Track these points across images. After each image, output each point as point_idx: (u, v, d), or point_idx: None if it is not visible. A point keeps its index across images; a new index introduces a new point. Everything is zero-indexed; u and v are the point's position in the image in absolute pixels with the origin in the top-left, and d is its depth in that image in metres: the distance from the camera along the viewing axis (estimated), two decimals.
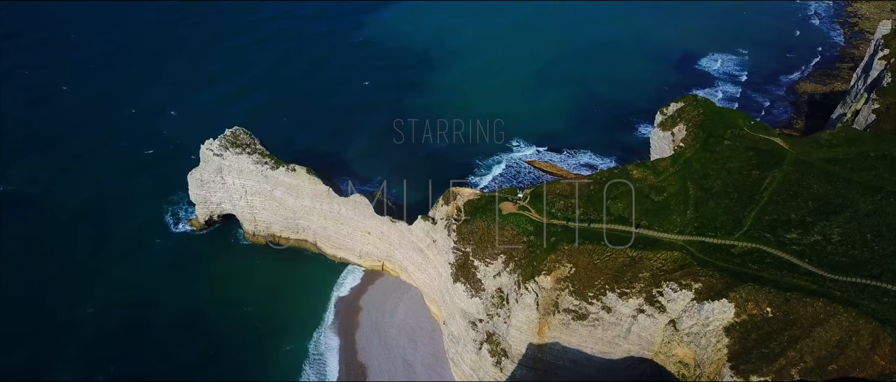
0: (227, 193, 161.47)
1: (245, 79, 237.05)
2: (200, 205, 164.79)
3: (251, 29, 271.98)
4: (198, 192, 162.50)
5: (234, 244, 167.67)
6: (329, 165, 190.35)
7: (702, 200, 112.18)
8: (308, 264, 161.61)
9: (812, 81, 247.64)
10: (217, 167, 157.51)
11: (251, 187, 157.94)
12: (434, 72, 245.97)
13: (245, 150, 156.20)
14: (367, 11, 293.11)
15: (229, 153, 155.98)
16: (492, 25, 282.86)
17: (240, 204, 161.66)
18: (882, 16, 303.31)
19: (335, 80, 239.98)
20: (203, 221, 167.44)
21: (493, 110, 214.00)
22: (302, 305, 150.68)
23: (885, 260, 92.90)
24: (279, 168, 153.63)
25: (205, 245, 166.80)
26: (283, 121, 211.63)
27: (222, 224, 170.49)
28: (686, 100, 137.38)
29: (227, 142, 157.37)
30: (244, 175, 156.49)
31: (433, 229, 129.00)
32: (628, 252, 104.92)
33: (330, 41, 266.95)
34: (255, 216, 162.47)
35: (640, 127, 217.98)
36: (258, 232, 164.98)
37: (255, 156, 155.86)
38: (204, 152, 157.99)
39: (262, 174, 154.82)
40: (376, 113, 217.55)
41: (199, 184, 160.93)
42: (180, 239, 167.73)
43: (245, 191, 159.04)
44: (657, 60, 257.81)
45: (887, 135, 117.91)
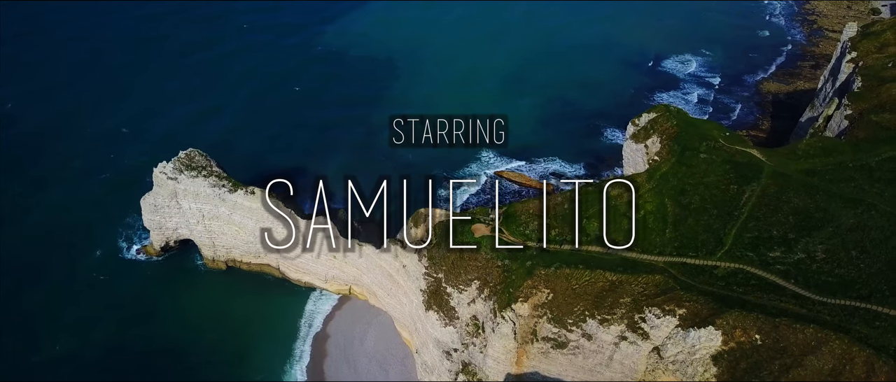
0: (184, 218, 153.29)
1: (206, 95, 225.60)
2: (155, 232, 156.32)
3: (214, 43, 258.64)
4: (152, 218, 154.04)
5: (193, 270, 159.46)
6: (294, 183, 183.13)
7: (680, 218, 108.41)
8: (272, 290, 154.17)
9: (776, 81, 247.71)
10: (171, 191, 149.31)
11: (209, 211, 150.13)
12: (403, 84, 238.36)
13: (201, 173, 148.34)
14: (335, 21, 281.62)
15: (184, 176, 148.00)
16: (460, 34, 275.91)
17: (197, 229, 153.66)
18: (838, 13, 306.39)
19: (301, 95, 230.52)
20: (159, 248, 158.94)
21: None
22: (267, 334, 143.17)
23: (873, 278, 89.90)
24: (238, 191, 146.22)
25: (161, 272, 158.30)
26: (246, 139, 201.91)
27: (179, 249, 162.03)
28: (658, 111, 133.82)
29: (181, 165, 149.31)
30: (201, 199, 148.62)
31: (402, 253, 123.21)
32: (608, 276, 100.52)
33: (296, 55, 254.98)
34: (214, 241, 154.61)
35: (608, 132, 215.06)
36: (218, 258, 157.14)
37: (212, 178, 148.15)
38: (157, 176, 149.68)
39: (219, 197, 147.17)
40: (345, 127, 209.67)
41: (153, 209, 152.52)
42: (134, 267, 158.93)
43: (202, 216, 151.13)
44: (623, 64, 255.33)
45: (863, 143, 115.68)
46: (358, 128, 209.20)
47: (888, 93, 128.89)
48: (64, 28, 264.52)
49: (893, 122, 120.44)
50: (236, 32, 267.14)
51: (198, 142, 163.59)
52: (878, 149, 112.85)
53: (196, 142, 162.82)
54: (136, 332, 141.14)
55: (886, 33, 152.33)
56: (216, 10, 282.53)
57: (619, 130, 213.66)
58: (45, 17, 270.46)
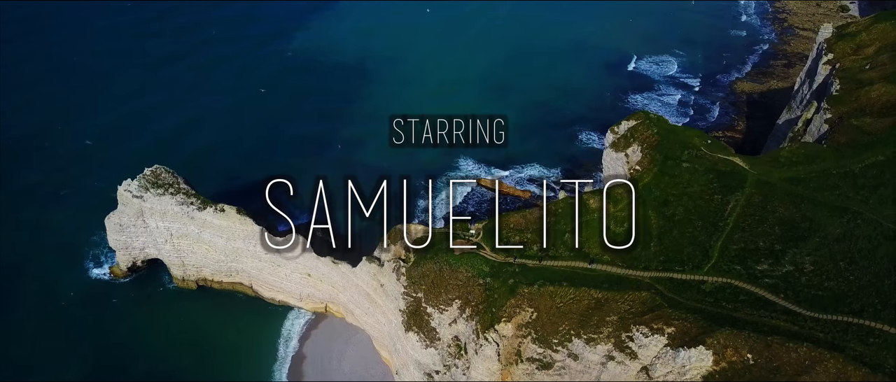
0: (151, 237, 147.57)
1: (176, 109, 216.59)
2: (121, 252, 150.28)
3: (184, 55, 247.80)
4: (117, 238, 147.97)
5: (163, 291, 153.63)
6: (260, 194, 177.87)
7: (665, 230, 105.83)
8: (245, 309, 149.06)
9: (750, 81, 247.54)
10: (137, 210, 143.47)
11: (177, 230, 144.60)
12: (377, 93, 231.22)
13: (168, 191, 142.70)
14: (308, 29, 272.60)
15: (150, 194, 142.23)
16: (433, 41, 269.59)
17: (165, 248, 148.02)
18: (808, 11, 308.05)
19: (274, 107, 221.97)
20: (126, 268, 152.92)
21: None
22: (242, 356, 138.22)
23: (863, 291, 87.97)
24: (207, 208, 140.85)
25: (129, 294, 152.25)
26: (217, 154, 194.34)
27: (147, 269, 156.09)
28: (638, 118, 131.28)
29: (147, 182, 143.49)
30: (168, 217, 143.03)
31: (380, 272, 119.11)
32: (593, 293, 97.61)
33: (268, 66, 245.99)
34: (183, 260, 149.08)
35: (583, 135, 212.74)
36: (188, 277, 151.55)
37: (180, 196, 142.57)
38: (122, 194, 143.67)
39: (187, 216, 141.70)
40: (319, 140, 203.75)
41: (119, 228, 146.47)
42: (100, 288, 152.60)
43: (170, 235, 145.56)
44: (598, 66, 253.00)
45: (845, 149, 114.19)
46: (333, 141, 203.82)
47: (867, 97, 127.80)
48: (26, 40, 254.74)
49: (874, 127, 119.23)
50: (206, 43, 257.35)
51: (166, 158, 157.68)
52: (860, 154, 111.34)
53: (164, 158, 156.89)
54: (102, 358, 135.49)
55: (862, 35, 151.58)
56: (185, 21, 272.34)
57: (596, 134, 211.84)
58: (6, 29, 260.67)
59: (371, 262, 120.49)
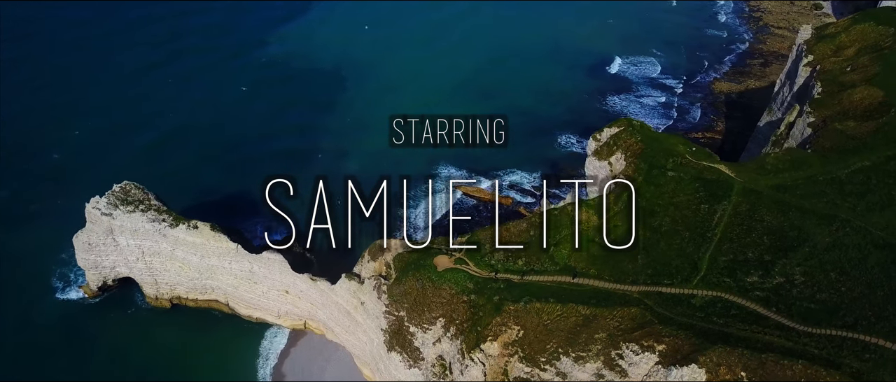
0: (122, 256, 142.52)
1: (147, 123, 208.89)
2: (91, 271, 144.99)
3: (156, 66, 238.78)
4: (86, 257, 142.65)
5: (135, 310, 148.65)
6: (240, 210, 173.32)
7: (652, 242, 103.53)
8: (222, 327, 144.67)
9: (727, 80, 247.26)
10: (107, 228, 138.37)
11: (148, 248, 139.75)
12: (351, 100, 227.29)
13: (138, 208, 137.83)
14: (286, 42, 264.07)
15: (120, 211, 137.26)
16: (405, 45, 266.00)
17: (137, 266, 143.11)
18: (783, 9, 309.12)
19: (250, 120, 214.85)
20: (96, 288, 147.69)
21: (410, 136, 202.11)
22: (218, 375, 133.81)
23: (856, 303, 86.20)
24: (179, 225, 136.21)
25: (100, 314, 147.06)
26: (190, 167, 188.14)
27: (119, 288, 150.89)
28: (620, 125, 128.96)
29: (116, 199, 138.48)
30: (139, 235, 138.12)
31: (360, 290, 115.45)
32: (580, 309, 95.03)
33: (243, 78, 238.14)
34: (156, 278, 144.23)
35: (563, 139, 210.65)
36: (161, 296, 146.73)
37: (151, 213, 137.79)
38: (90, 212, 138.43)
39: (159, 233, 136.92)
40: (298, 151, 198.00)
41: (87, 247, 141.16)
42: (70, 308, 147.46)
43: (142, 253, 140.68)
44: (575, 68, 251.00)
45: (831, 154, 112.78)
46: (313, 151, 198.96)
47: (850, 100, 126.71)
48: None
49: (858, 131, 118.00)
50: (180, 54, 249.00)
51: (138, 173, 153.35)
52: (846, 160, 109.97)
53: (136, 173, 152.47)
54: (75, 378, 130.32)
55: (841, 36, 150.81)
56: (158, 31, 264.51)
57: (575, 137, 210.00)
58: None
59: (350, 279, 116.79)
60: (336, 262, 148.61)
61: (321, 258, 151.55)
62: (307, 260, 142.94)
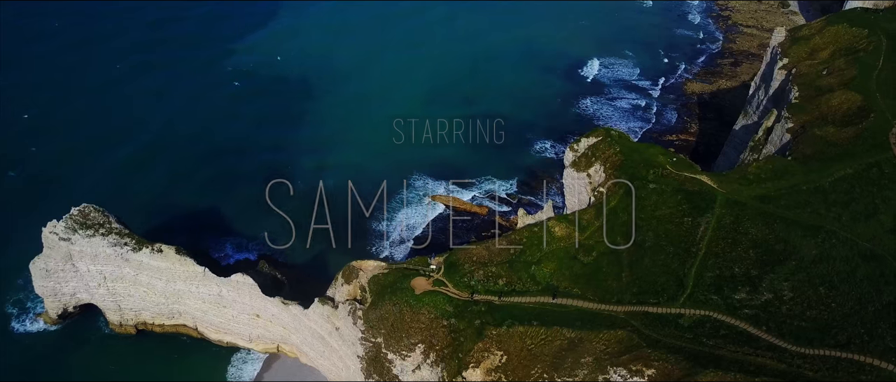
0: (82, 282, 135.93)
1: (108, 138, 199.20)
2: (50, 299, 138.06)
3: (119, 82, 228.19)
4: (44, 284, 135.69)
5: (99, 338, 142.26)
6: (209, 228, 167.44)
7: (636, 258, 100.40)
8: (191, 353, 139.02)
9: (699, 81, 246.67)
10: (65, 253, 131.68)
11: (111, 273, 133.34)
12: (319, 106, 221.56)
13: (98, 231, 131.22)
14: (253, 53, 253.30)
15: (79, 236, 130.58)
16: (375, 48, 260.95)
17: (99, 292, 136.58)
18: (750, 7, 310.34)
19: (220, 134, 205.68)
20: (56, 316, 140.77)
21: (388, 146, 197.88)
22: None
23: (848, 321, 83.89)
24: (143, 249, 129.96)
25: (61, 343, 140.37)
26: (154, 187, 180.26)
27: (81, 315, 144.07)
28: (598, 135, 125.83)
29: (75, 223, 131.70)
30: (100, 260, 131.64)
31: (334, 314, 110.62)
32: (565, 333, 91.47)
33: (209, 92, 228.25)
34: (119, 304, 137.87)
35: (537, 144, 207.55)
36: (126, 322, 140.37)
37: (112, 236, 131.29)
38: (47, 237, 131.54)
39: (121, 257, 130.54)
40: (259, 163, 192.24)
41: (45, 274, 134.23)
42: (28, 338, 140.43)
43: (104, 278, 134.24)
44: (547, 71, 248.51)
45: (813, 162, 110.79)
46: (269, 161, 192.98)
47: (828, 105, 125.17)
48: None
49: (838, 136, 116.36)
50: (145, 67, 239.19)
51: (99, 194, 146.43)
52: (829, 168, 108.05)
53: (97, 194, 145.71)
54: None
55: (815, 38, 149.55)
56: (123, 44, 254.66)
57: (549, 142, 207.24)
58: None
59: (324, 304, 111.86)
60: (309, 284, 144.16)
61: (293, 279, 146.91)
62: (278, 281, 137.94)
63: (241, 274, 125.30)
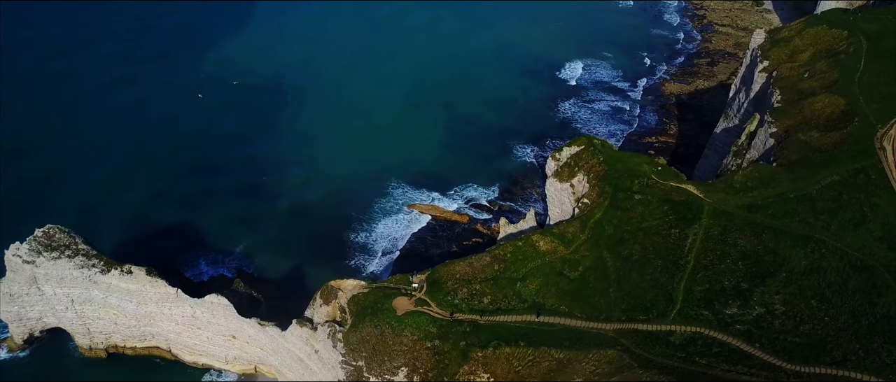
0: (48, 305, 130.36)
1: (73, 155, 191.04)
2: (15, 324, 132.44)
3: (83, 98, 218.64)
4: (8, 309, 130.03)
5: (68, 363, 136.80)
6: (182, 243, 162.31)
7: (623, 273, 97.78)
8: (165, 375, 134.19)
9: (677, 82, 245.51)
10: (30, 276, 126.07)
11: (78, 296, 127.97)
12: (294, 115, 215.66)
13: (64, 253, 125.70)
14: (221, 63, 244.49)
15: (43, 258, 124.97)
16: (349, 56, 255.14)
17: (66, 316, 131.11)
18: (725, 6, 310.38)
19: (192, 148, 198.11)
20: (21, 341, 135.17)
21: (364, 153, 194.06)
22: None
23: (842, 336, 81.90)
24: (111, 270, 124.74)
25: (29, 368, 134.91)
26: (123, 204, 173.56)
27: (48, 339, 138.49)
28: (580, 144, 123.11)
29: (39, 245, 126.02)
30: (67, 283, 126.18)
31: (313, 336, 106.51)
32: (553, 353, 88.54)
33: (177, 105, 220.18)
34: (89, 328, 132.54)
35: (517, 149, 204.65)
36: (96, 345, 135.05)
37: (79, 258, 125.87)
38: (10, 260, 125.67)
39: (89, 280, 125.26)
40: (230, 173, 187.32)
41: (9, 298, 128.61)
42: None
43: (71, 301, 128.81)
44: (523, 74, 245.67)
45: (799, 169, 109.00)
46: (241, 171, 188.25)
47: (811, 109, 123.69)
48: None
49: (823, 142, 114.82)
50: (115, 84, 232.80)
51: (64, 214, 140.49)
52: (815, 175, 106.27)
53: (62, 214, 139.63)
54: None
55: (795, 40, 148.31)
56: (105, 55, 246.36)
57: (530, 147, 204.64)
58: None
59: (302, 325, 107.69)
60: (287, 300, 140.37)
61: (270, 295, 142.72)
62: (254, 300, 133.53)
63: (216, 294, 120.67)
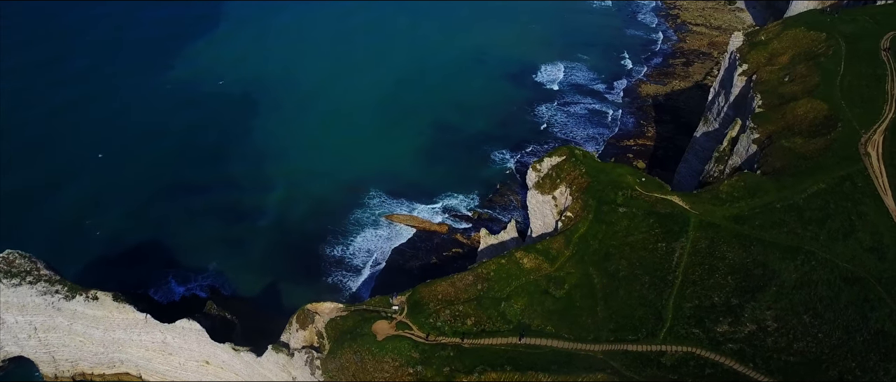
0: (10, 334, 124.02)
1: (25, 167, 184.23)
2: None
3: (31, 106, 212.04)
4: None
5: None
6: (149, 262, 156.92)
7: (611, 290, 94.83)
8: None
9: (653, 83, 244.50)
10: None
11: (42, 323, 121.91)
12: (267, 127, 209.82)
13: (25, 280, 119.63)
14: (184, 69, 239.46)
15: (3, 285, 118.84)
16: (319, 63, 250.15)
17: (29, 344, 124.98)
18: (698, 6, 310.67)
19: (151, 162, 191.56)
20: None
21: (341, 164, 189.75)
22: None
23: (837, 353, 79.69)
24: (76, 296, 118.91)
25: None
26: (88, 223, 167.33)
27: (11, 369, 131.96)
28: (561, 154, 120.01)
29: None
30: (29, 310, 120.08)
31: (290, 363, 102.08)
32: (541, 378, 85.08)
33: (140, 114, 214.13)
34: (53, 355, 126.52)
35: (495, 155, 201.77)
36: (62, 374, 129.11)
37: (41, 284, 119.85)
38: None
39: (52, 307, 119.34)
40: (203, 189, 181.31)
41: None
42: None
43: (34, 329, 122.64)
44: (498, 78, 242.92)
45: (784, 177, 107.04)
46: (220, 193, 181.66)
47: (794, 114, 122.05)
48: None
49: (807, 148, 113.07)
50: (62, 83, 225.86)
51: (22, 237, 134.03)
52: (801, 183, 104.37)
53: (20, 238, 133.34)
54: None
55: (773, 42, 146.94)
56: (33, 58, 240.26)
57: (508, 152, 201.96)
58: None
59: (278, 352, 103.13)
60: (262, 320, 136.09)
61: (245, 315, 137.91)
62: (228, 322, 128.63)
63: (187, 319, 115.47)
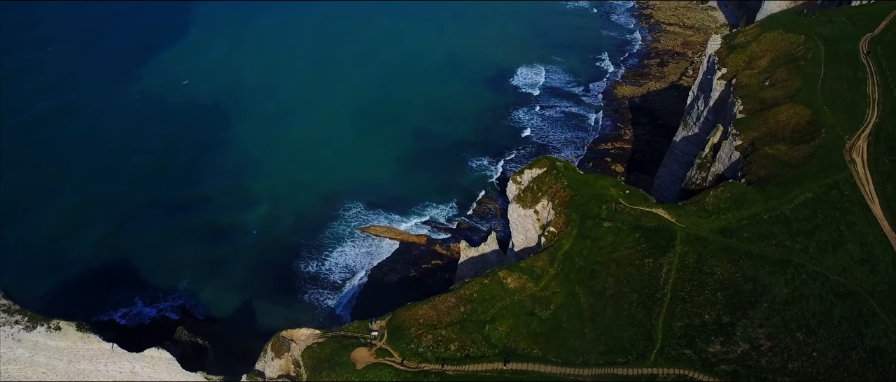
0: None
1: None
2: None
3: None
4: None
5: None
6: (115, 281, 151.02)
7: (598, 310, 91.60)
8: None
9: (628, 84, 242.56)
10: None
11: (1, 355, 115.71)
12: (239, 138, 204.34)
13: None
14: (158, 74, 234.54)
15: None
16: (289, 69, 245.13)
17: None
18: (671, 5, 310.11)
19: (120, 174, 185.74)
20: None
21: (316, 176, 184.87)
22: None
23: (833, 373, 77.21)
24: (37, 327, 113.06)
25: None
26: (50, 244, 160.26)
27: None
28: (542, 166, 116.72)
29: None
30: None
31: None
32: None
33: (109, 125, 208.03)
34: None
35: (473, 161, 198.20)
36: None
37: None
38: None
39: (12, 338, 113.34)
40: (173, 207, 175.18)
41: None
42: None
43: None
44: (473, 82, 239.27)
45: (770, 186, 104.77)
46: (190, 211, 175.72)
47: (776, 120, 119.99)
48: None
49: (791, 155, 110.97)
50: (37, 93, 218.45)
51: None
52: (788, 193, 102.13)
53: None
54: None
55: (752, 45, 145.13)
56: None
57: (486, 159, 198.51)
58: None
59: (252, 381, 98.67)
60: (236, 342, 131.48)
61: (217, 338, 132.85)
62: (200, 348, 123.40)
63: (157, 348, 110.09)
